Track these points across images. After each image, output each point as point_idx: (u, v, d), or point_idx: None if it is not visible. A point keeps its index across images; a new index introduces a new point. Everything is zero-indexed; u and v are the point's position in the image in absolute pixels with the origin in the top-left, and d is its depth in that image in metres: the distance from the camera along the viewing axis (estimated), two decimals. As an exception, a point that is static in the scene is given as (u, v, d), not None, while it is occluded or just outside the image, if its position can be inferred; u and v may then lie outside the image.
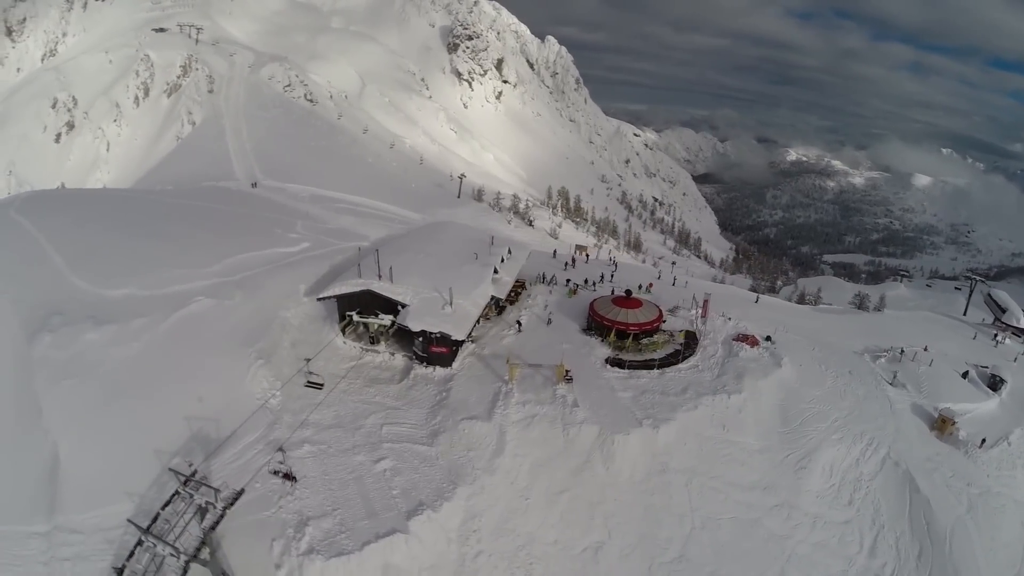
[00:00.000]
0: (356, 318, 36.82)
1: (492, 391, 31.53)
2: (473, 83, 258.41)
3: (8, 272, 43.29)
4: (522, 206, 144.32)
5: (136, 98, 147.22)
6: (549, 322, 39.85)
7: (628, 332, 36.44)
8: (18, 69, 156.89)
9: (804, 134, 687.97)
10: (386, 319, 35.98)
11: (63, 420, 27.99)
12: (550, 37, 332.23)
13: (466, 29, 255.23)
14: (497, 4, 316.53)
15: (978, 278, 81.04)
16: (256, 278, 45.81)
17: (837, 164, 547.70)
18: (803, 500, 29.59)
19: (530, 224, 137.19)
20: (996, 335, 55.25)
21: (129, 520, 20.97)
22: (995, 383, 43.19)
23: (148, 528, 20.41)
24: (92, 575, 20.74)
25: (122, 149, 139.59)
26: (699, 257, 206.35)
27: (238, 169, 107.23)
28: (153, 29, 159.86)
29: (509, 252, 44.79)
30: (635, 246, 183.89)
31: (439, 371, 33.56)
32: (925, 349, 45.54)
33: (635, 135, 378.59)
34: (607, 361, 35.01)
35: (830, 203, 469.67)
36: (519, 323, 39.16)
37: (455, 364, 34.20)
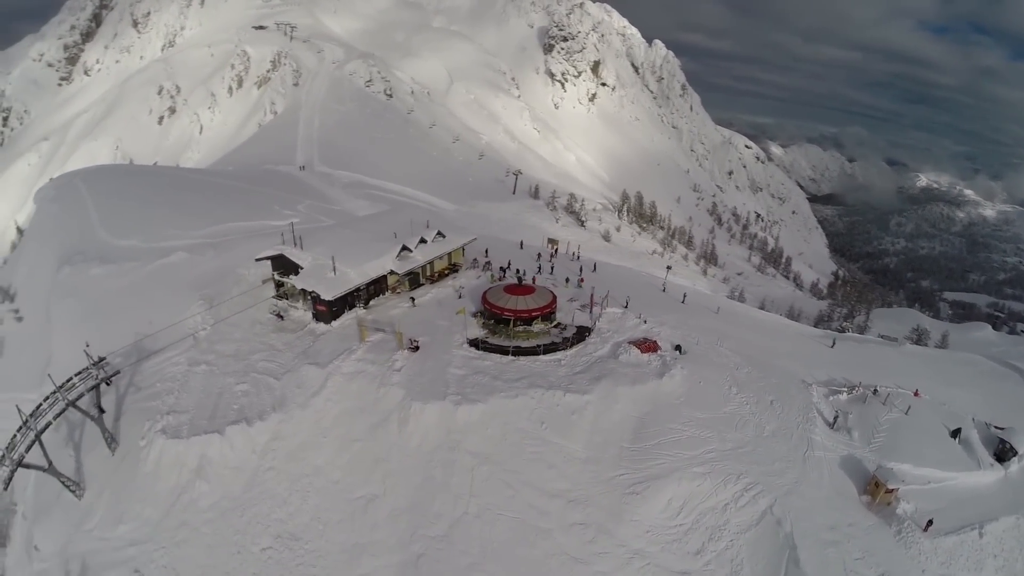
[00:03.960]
0: (276, 277, 41.07)
1: (346, 346, 33.62)
2: (566, 84, 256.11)
3: (61, 223, 62.85)
4: (578, 206, 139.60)
5: (230, 88, 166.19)
6: (460, 296, 40.08)
7: (503, 317, 34.01)
8: (140, 57, 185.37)
9: (937, 159, 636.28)
10: (294, 279, 39.08)
11: (60, 325, 42.14)
12: (657, 41, 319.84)
13: (562, 30, 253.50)
14: (608, 7, 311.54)
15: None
16: (233, 241, 54.37)
17: (969, 194, 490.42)
18: (624, 529, 24.92)
19: (582, 224, 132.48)
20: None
21: (48, 375, 30.53)
22: (1004, 452, 33.10)
23: (61, 386, 29.76)
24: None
25: (213, 133, 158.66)
26: (786, 277, 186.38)
27: (300, 155, 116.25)
28: (253, 27, 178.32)
29: (441, 235, 44.69)
30: (710, 258, 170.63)
31: (321, 326, 36.66)
32: (916, 393, 36.56)
33: (746, 147, 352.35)
34: (468, 341, 33.25)
35: (957, 235, 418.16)
36: (412, 299, 39.30)
37: (335, 323, 36.80)
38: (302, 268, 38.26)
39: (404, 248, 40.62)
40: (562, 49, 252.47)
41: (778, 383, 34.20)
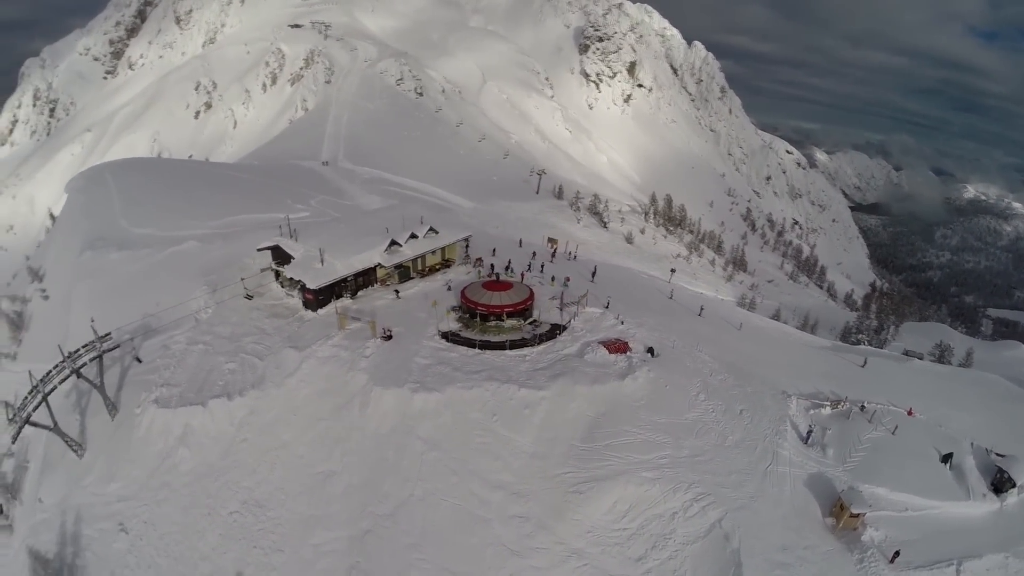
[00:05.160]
0: (274, 266, 43.32)
1: (325, 333, 35.27)
2: (601, 85, 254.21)
3: (87, 212, 67.47)
4: (601, 207, 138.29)
5: (264, 85, 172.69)
6: (448, 288, 41.11)
7: (476, 312, 34.72)
8: (183, 53, 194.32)
9: (985, 169, 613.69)
10: (285, 268, 40.84)
11: (78, 304, 45.35)
12: (697, 43, 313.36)
13: (597, 31, 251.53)
14: (648, 7, 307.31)
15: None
16: (241, 232, 56.58)
17: (1018, 207, 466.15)
18: (564, 527, 25.11)
19: (604, 226, 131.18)
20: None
21: (58, 346, 33.33)
22: (1002, 482, 30.61)
23: (69, 355, 33.00)
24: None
25: (246, 128, 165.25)
26: (819, 287, 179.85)
27: (325, 151, 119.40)
28: (289, 25, 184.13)
29: (433, 231, 45.50)
30: (739, 264, 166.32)
31: (309, 313, 38.63)
32: (910, 412, 35.02)
33: (787, 152, 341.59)
34: (440, 333, 34.19)
35: (1004, 250, 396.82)
36: (396, 292, 40.58)
37: (321, 311, 38.41)
38: (294, 258, 40.07)
39: (393, 243, 41.67)
40: (597, 49, 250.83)
41: (754, 392, 33.48)
